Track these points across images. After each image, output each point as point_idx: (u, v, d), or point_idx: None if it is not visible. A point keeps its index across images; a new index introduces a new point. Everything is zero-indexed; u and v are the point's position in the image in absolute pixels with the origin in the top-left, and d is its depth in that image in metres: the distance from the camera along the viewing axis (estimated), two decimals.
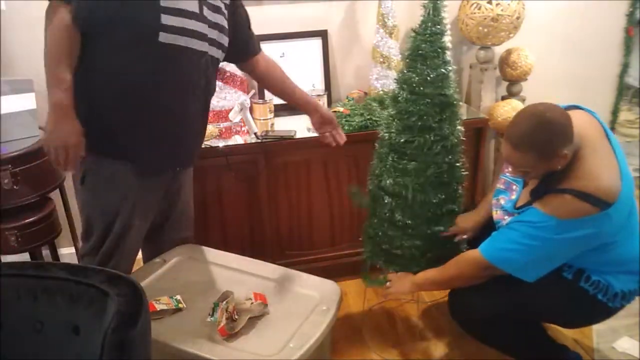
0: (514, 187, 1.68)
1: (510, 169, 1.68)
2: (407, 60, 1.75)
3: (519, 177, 1.62)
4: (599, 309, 1.61)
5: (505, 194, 1.70)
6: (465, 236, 1.85)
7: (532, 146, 1.44)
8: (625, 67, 2.88)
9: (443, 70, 1.71)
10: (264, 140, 2.12)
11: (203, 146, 2.06)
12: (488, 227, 1.71)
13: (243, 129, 2.21)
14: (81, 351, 1.09)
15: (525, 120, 1.47)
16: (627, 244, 1.59)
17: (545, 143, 1.43)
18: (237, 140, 2.15)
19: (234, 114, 2.21)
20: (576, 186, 1.45)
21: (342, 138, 1.92)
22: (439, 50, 1.70)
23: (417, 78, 1.71)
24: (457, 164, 1.82)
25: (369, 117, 2.17)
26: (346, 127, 2.18)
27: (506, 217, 1.65)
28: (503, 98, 2.66)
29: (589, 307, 1.61)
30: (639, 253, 1.60)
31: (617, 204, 1.44)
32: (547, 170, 1.50)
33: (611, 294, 1.58)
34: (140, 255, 2.59)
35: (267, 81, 1.94)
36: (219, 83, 2.22)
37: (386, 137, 1.82)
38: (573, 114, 1.56)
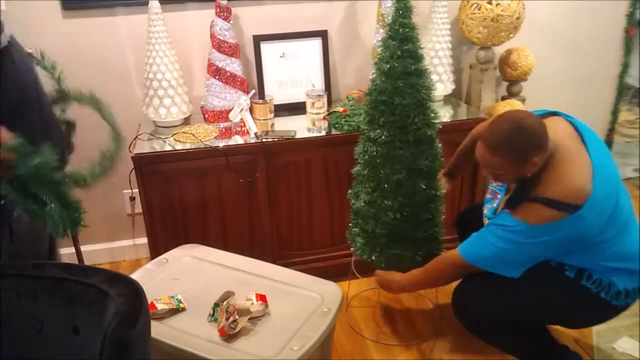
0: (498, 195, 1.75)
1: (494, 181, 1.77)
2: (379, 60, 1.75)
3: (490, 178, 1.66)
4: (603, 307, 1.62)
5: (490, 202, 1.78)
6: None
7: (507, 151, 1.49)
8: (625, 67, 2.88)
9: (411, 67, 1.71)
10: (264, 140, 2.12)
11: (203, 146, 2.07)
12: (470, 229, 1.74)
13: (243, 129, 2.21)
14: (81, 351, 1.09)
15: (504, 125, 1.51)
16: (622, 242, 1.60)
17: (520, 149, 1.48)
18: (237, 140, 2.15)
19: (234, 114, 2.21)
20: (545, 194, 1.50)
21: None
22: (411, 52, 1.70)
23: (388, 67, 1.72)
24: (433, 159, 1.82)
25: None
26: (346, 127, 2.18)
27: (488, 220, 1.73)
28: (503, 98, 2.66)
29: (593, 306, 1.62)
30: (638, 251, 1.62)
31: (590, 204, 1.47)
32: (517, 175, 1.55)
33: (614, 292, 1.59)
34: (140, 255, 2.61)
35: None
36: (219, 83, 2.22)
37: (364, 130, 1.85)
38: (549, 121, 1.60)
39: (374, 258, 1.89)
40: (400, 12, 1.68)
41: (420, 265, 1.81)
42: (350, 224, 2.00)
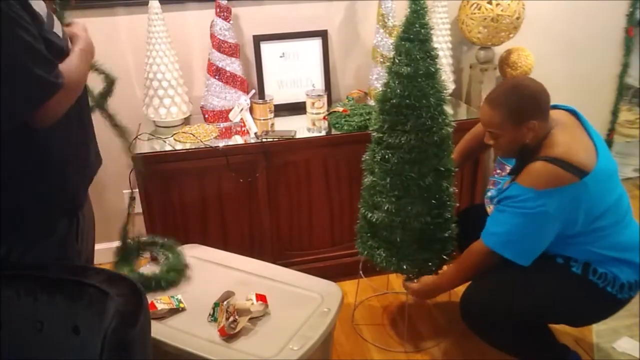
0: (502, 184, 1.76)
1: (498, 171, 1.82)
2: (394, 57, 1.73)
3: (492, 143, 1.67)
4: (609, 301, 1.65)
5: (493, 190, 1.80)
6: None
7: (504, 105, 1.57)
8: (625, 67, 2.87)
9: (432, 68, 1.69)
10: (264, 140, 2.12)
11: (203, 146, 2.07)
12: (471, 227, 1.75)
13: (243, 129, 2.21)
14: (81, 351, 1.09)
15: (505, 83, 1.65)
16: (623, 231, 1.64)
17: (517, 106, 1.55)
18: (237, 140, 2.15)
19: (234, 114, 2.21)
20: (547, 154, 1.55)
21: None
22: (427, 52, 1.69)
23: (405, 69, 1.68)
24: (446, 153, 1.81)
25: (368, 117, 2.17)
26: (346, 127, 2.18)
27: (494, 204, 1.72)
28: None
29: (600, 301, 1.65)
30: (637, 242, 1.65)
31: (594, 176, 1.50)
32: (516, 138, 1.58)
33: (618, 285, 1.62)
34: None
35: None
36: (219, 83, 2.22)
37: (375, 130, 1.81)
38: (551, 112, 1.64)
39: (405, 267, 1.85)
40: (417, 13, 1.66)
41: (445, 263, 1.84)
42: (360, 238, 1.95)
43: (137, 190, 2.10)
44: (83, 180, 1.38)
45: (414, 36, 1.67)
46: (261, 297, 1.61)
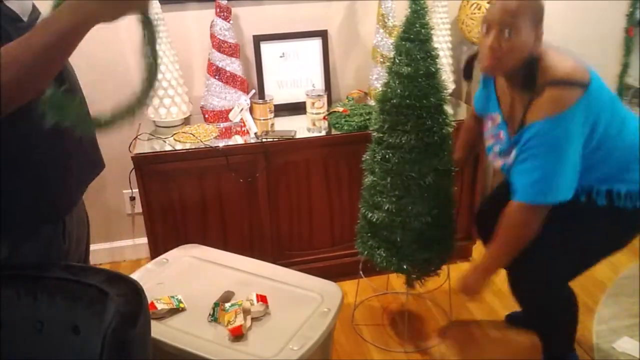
0: (501, 133, 1.68)
1: (489, 122, 1.74)
2: (394, 56, 1.73)
3: (496, 46, 1.54)
4: (636, 217, 1.63)
5: (497, 144, 1.70)
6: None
7: (529, 2, 1.53)
8: (625, 67, 2.87)
9: (432, 68, 1.70)
10: (264, 140, 2.12)
11: (203, 146, 2.07)
12: (501, 200, 1.67)
13: (243, 129, 2.21)
14: (81, 351, 1.09)
15: None
16: (622, 147, 1.63)
17: (538, 6, 1.54)
18: (237, 140, 2.15)
19: (234, 114, 2.21)
20: (547, 79, 1.53)
21: None
22: (427, 52, 1.69)
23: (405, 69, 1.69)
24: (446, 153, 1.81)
25: (368, 117, 2.17)
26: (346, 127, 2.18)
27: (503, 158, 1.66)
28: None
29: (630, 223, 1.64)
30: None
31: (593, 83, 1.53)
32: (527, 41, 1.53)
33: (636, 198, 1.60)
34: (140, 255, 2.61)
35: None
36: (219, 83, 2.22)
37: (375, 130, 1.81)
38: None
39: (405, 267, 1.85)
40: (418, 13, 1.66)
41: (444, 264, 1.84)
42: (360, 238, 1.96)
43: (137, 190, 2.11)
44: (64, 185, 1.30)
45: (414, 36, 1.67)
46: (262, 298, 1.61)
